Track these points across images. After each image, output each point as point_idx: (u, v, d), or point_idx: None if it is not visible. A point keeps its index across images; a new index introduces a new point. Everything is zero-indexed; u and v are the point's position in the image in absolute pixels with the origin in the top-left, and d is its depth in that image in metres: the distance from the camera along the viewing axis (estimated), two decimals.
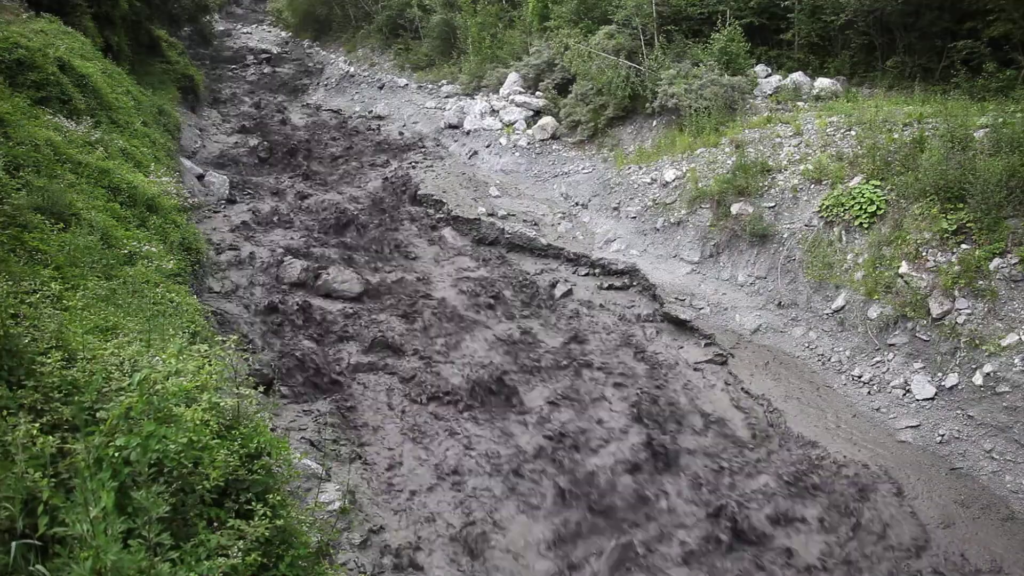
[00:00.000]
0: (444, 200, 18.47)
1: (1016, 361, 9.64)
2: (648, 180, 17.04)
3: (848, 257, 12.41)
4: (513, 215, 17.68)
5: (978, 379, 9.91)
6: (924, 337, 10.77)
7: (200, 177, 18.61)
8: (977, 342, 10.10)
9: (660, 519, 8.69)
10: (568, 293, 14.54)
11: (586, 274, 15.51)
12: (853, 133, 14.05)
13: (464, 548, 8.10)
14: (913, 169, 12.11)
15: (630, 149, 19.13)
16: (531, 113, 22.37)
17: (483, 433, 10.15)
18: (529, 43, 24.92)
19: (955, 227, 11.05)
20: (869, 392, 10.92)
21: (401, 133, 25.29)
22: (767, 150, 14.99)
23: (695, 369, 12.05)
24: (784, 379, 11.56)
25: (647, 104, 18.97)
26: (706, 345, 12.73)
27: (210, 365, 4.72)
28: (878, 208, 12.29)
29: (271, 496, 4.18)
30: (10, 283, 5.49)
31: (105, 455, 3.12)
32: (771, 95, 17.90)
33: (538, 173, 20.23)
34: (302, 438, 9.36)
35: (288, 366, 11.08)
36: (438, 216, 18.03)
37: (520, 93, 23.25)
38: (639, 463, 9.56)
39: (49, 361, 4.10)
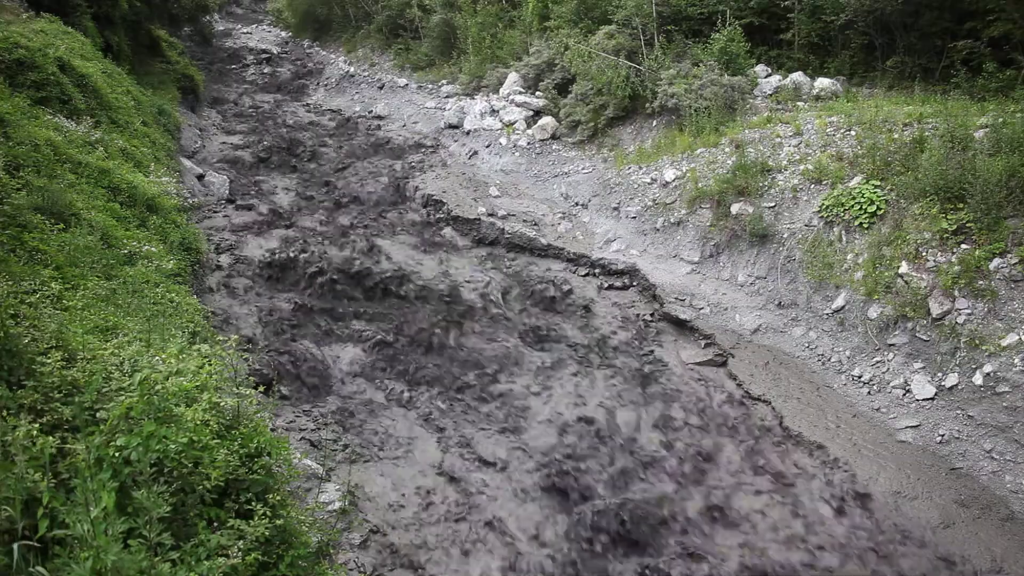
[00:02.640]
0: (444, 200, 18.47)
1: (1016, 361, 9.64)
2: (648, 180, 17.04)
3: (848, 257, 12.41)
4: (513, 215, 17.68)
5: (978, 379, 9.91)
6: (924, 337, 10.77)
7: (200, 177, 18.62)
8: (977, 342, 10.10)
9: None
10: (568, 293, 14.54)
11: (586, 274, 15.51)
12: (853, 133, 14.05)
13: None
14: (913, 169, 12.11)
15: (630, 149, 19.13)
16: (531, 113, 22.36)
17: None
18: (529, 43, 24.91)
19: (955, 227, 11.05)
20: (869, 392, 10.92)
21: (401, 133, 25.28)
22: (767, 150, 14.99)
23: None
24: (784, 379, 11.55)
25: (647, 104, 18.96)
26: (706, 345, 12.73)
27: (210, 365, 4.72)
28: (878, 208, 12.28)
29: (271, 496, 4.19)
30: (10, 283, 5.49)
31: (105, 455, 3.12)
32: (771, 95, 17.90)
33: (538, 173, 20.23)
34: (302, 438, 9.37)
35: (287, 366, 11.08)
36: (438, 216, 18.03)
37: (520, 93, 23.24)
38: None
39: (49, 361, 4.10)
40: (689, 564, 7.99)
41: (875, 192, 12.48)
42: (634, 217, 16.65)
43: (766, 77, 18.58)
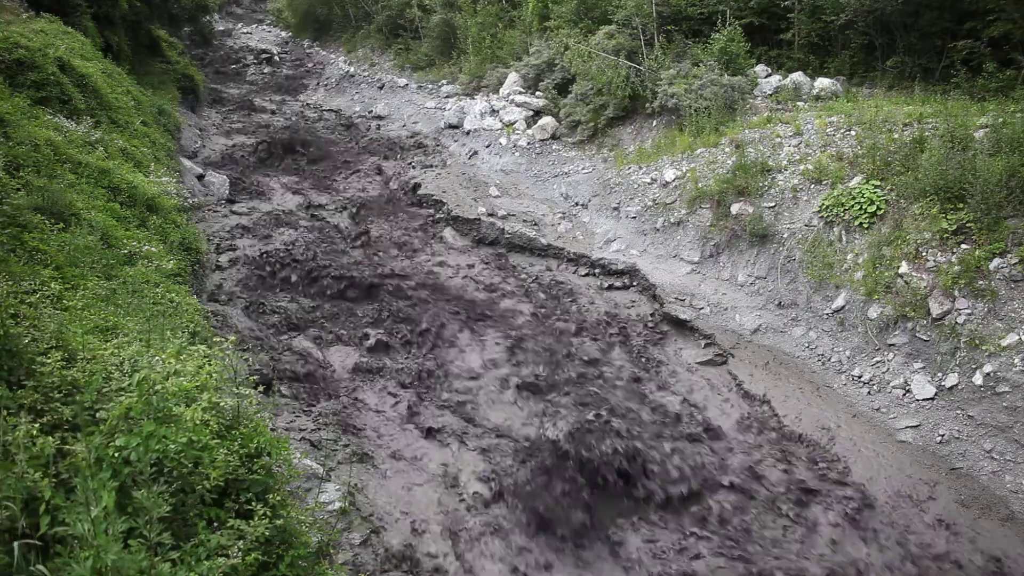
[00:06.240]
0: (444, 200, 18.47)
1: (1016, 361, 9.64)
2: (648, 180, 17.04)
3: (848, 257, 12.41)
4: (513, 215, 17.68)
5: (978, 379, 9.91)
6: (924, 337, 10.77)
7: (200, 177, 18.62)
8: (977, 342, 10.10)
9: None
10: (569, 293, 14.55)
11: (586, 274, 15.51)
12: (853, 133, 14.05)
13: None
14: (913, 169, 12.11)
15: (630, 149, 19.13)
16: (531, 113, 22.37)
17: None
18: (529, 43, 24.92)
19: (955, 227, 11.05)
20: (869, 392, 10.92)
21: (401, 133, 25.29)
22: (767, 150, 14.99)
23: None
24: (784, 379, 11.56)
25: (647, 104, 18.96)
26: (706, 345, 12.73)
27: (210, 365, 4.72)
28: (878, 208, 12.28)
29: (271, 496, 4.18)
30: (10, 283, 5.49)
31: (105, 455, 3.12)
32: (771, 95, 17.91)
33: (538, 173, 20.23)
34: (302, 438, 9.36)
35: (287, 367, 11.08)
36: (438, 216, 18.04)
37: (520, 93, 23.24)
38: None
39: (49, 361, 4.09)
40: None
41: (875, 192, 12.48)
42: (634, 217, 16.65)
43: (766, 77, 18.58)
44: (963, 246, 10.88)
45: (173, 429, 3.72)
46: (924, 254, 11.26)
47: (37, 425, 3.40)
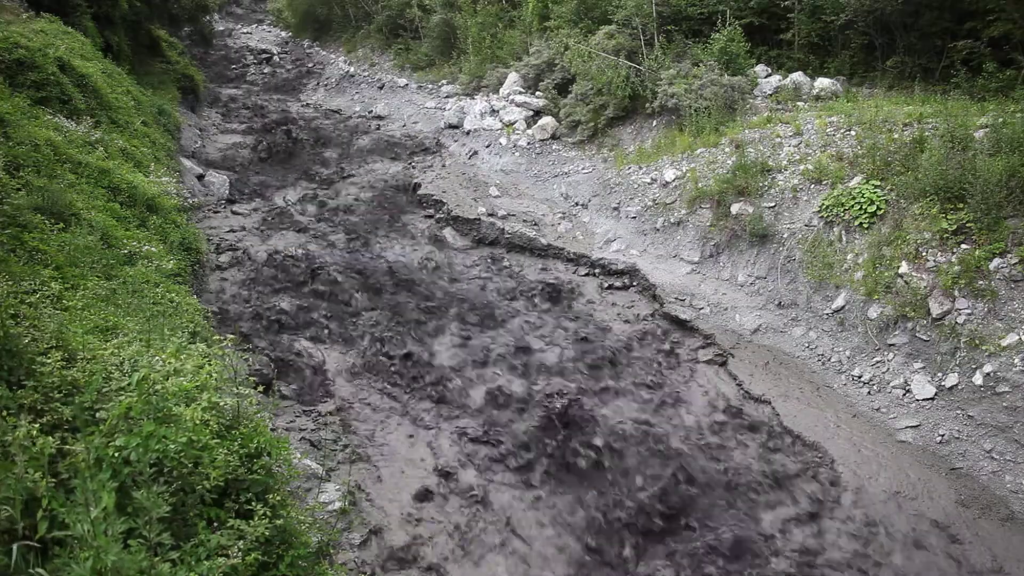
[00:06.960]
0: (444, 200, 18.47)
1: (1016, 361, 9.64)
2: (648, 180, 17.04)
3: (848, 257, 12.41)
4: (513, 215, 17.68)
5: (978, 379, 9.91)
6: (924, 337, 10.77)
7: (200, 177, 18.63)
8: (977, 342, 10.10)
9: None
10: (570, 293, 14.55)
11: (586, 274, 15.51)
12: (853, 133, 14.05)
13: None
14: (913, 169, 12.11)
15: (630, 149, 19.13)
16: (531, 113, 22.36)
17: None
18: (529, 43, 24.91)
19: (955, 227, 11.05)
20: (869, 392, 10.92)
21: (401, 133, 25.29)
22: (767, 150, 14.98)
23: None
24: (784, 379, 11.55)
25: (647, 104, 18.96)
26: (706, 345, 12.72)
27: (210, 365, 4.72)
28: (878, 208, 12.28)
29: (271, 496, 4.19)
30: (10, 283, 5.49)
31: (105, 455, 3.12)
32: (771, 95, 17.90)
33: (538, 173, 20.23)
34: (302, 438, 9.37)
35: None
36: (438, 216, 18.04)
37: (520, 93, 23.24)
38: None
39: (49, 361, 4.10)
40: None
41: (875, 192, 12.48)
42: (634, 217, 16.65)
43: (766, 77, 18.58)
44: (963, 246, 10.88)
45: (173, 429, 3.72)
46: (924, 254, 11.26)
47: (37, 425, 3.40)
